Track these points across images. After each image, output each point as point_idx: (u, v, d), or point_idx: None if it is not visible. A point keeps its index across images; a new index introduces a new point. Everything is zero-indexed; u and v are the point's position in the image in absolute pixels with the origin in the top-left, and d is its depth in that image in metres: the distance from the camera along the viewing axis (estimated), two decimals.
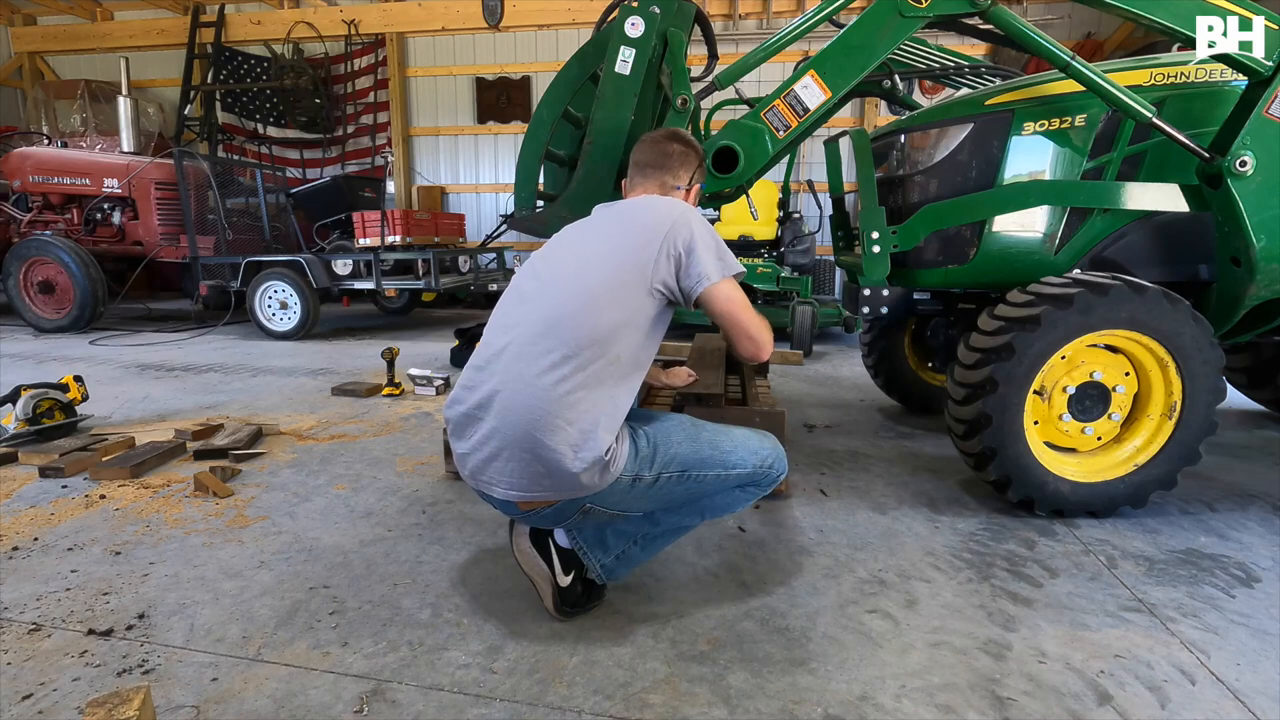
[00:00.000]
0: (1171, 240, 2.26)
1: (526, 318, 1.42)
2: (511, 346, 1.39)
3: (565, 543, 1.57)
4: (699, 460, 1.48)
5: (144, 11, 8.94)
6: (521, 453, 1.33)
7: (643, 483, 1.43)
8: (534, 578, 1.55)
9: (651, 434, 1.47)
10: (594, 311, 1.38)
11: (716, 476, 1.50)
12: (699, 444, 1.49)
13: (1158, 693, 1.33)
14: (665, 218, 1.47)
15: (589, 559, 1.56)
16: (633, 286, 1.41)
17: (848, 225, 3.07)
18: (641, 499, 1.47)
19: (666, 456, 1.45)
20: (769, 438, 1.61)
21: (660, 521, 1.58)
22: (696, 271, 1.43)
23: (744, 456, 1.52)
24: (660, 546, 1.64)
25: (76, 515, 2.08)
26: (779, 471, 1.57)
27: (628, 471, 1.40)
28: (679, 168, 1.67)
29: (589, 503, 1.42)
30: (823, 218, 6.78)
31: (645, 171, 1.68)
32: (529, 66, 8.47)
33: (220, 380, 4.01)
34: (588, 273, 1.44)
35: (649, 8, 2.14)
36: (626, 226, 1.51)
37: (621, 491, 1.41)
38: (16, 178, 6.32)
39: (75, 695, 1.28)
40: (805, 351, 4.75)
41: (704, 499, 1.55)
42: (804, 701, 1.29)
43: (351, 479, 2.41)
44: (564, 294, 1.42)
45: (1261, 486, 2.46)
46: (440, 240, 6.26)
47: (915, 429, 3.14)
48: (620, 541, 1.57)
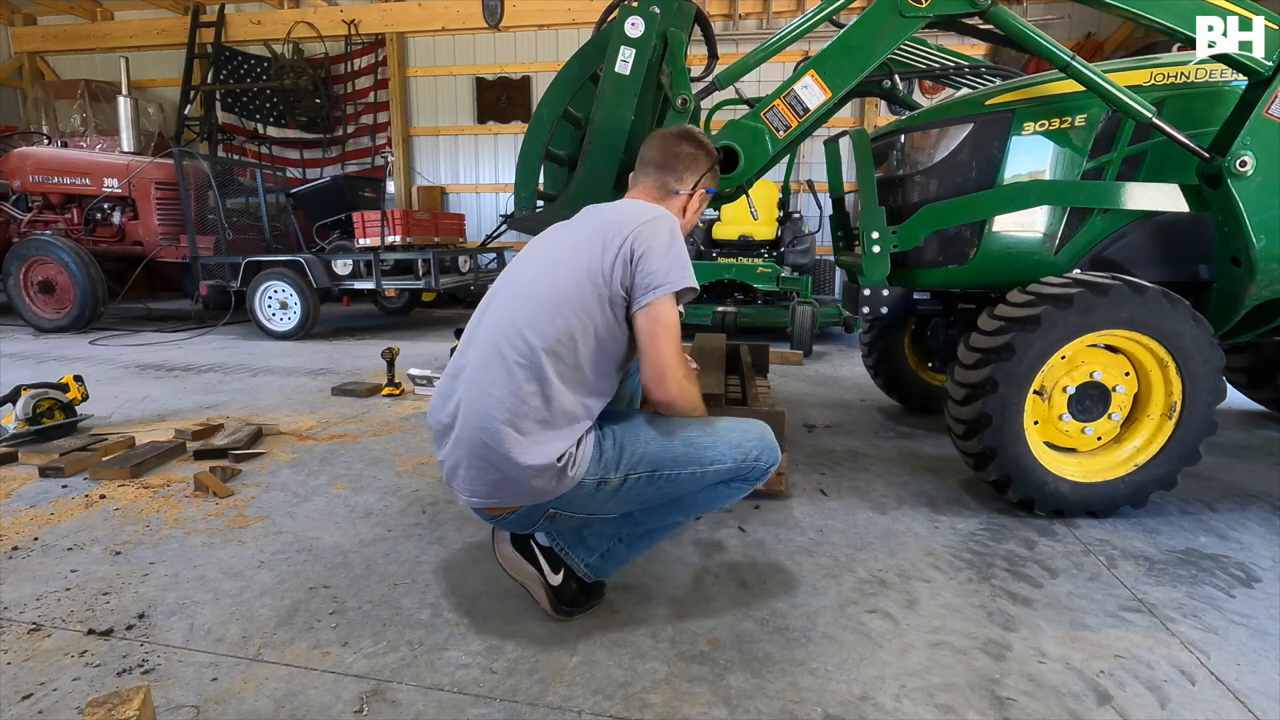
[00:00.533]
0: (1171, 240, 2.26)
1: (491, 324, 1.42)
2: (474, 351, 1.40)
3: (545, 542, 1.55)
4: (670, 459, 1.41)
5: (144, 11, 8.93)
6: (477, 459, 1.34)
7: (608, 486, 1.39)
8: (524, 581, 1.53)
9: (619, 434, 1.42)
10: (552, 318, 1.35)
11: (692, 475, 1.43)
12: (672, 441, 1.42)
13: (1158, 693, 1.33)
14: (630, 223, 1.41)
15: (570, 558, 1.54)
16: (591, 294, 1.36)
17: (848, 225, 3.07)
18: (610, 502, 1.42)
19: (634, 457, 1.40)
20: (756, 428, 1.51)
21: (641, 521, 1.52)
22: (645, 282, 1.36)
23: (723, 452, 1.45)
24: (649, 544, 1.59)
25: (76, 515, 2.08)
26: (767, 463, 1.49)
27: (590, 476, 1.36)
28: (684, 170, 1.61)
29: (552, 508, 1.39)
30: (823, 218, 6.78)
31: (648, 170, 1.63)
32: (529, 66, 8.47)
33: (220, 380, 4.01)
34: (551, 277, 1.41)
35: (649, 8, 2.14)
36: (596, 229, 1.45)
37: (586, 496, 1.38)
38: (16, 178, 6.32)
39: (75, 695, 1.28)
40: (805, 351, 4.75)
41: (684, 497, 1.48)
42: (804, 701, 1.29)
43: (351, 479, 2.41)
44: (526, 299, 1.40)
45: (1261, 486, 2.46)
46: (440, 240, 6.26)
47: (915, 429, 3.14)
48: (601, 541, 1.53)
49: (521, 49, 8.50)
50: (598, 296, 1.37)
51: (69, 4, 8.80)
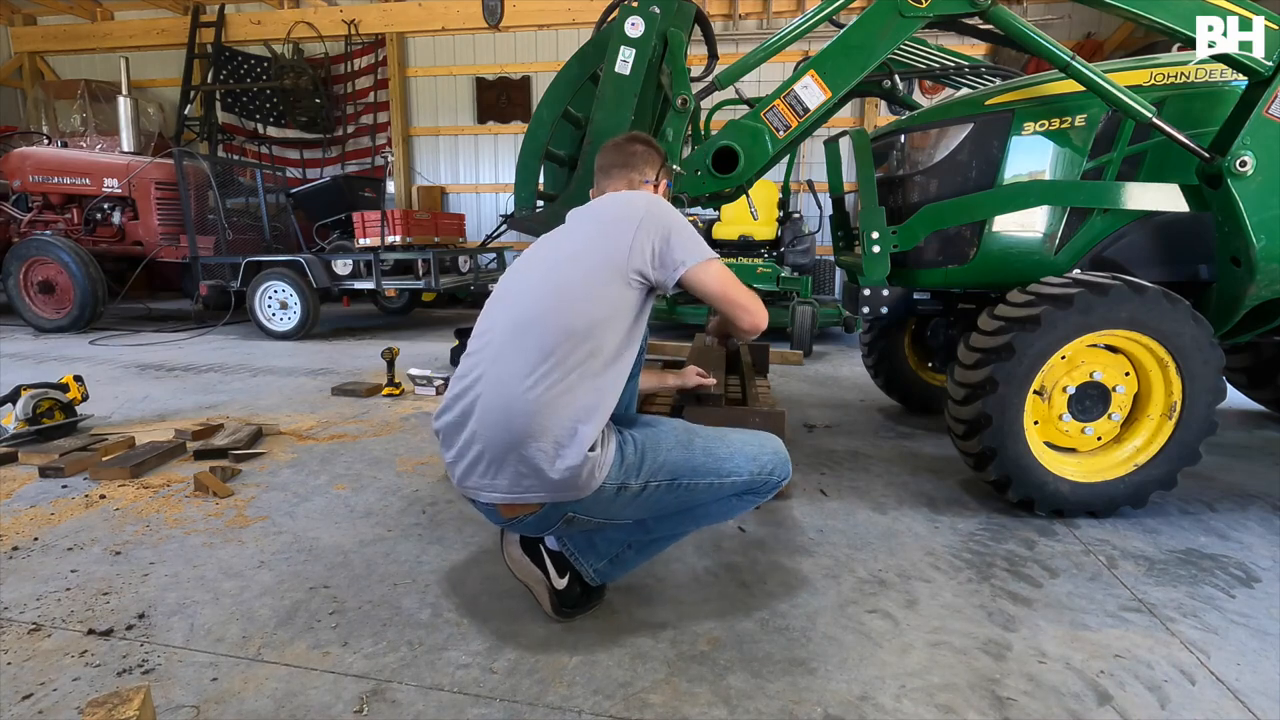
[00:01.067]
0: (1171, 240, 2.27)
1: (502, 322, 1.42)
2: (489, 350, 1.40)
3: (554, 545, 1.55)
4: (691, 468, 1.44)
5: (144, 11, 8.94)
6: (503, 454, 1.33)
7: (628, 491, 1.39)
8: (529, 583, 1.53)
9: (640, 440, 1.43)
10: (567, 309, 1.36)
11: (710, 485, 1.45)
12: (691, 451, 1.45)
13: (1158, 693, 1.33)
14: (637, 207, 1.46)
15: (579, 563, 1.54)
16: (608, 280, 1.39)
17: (848, 225, 3.07)
18: (628, 507, 1.43)
19: (655, 464, 1.41)
20: (770, 441, 1.55)
21: (653, 529, 1.54)
22: (677, 256, 1.41)
23: (741, 464, 1.47)
24: (655, 551, 1.61)
25: (76, 515, 2.08)
26: (780, 478, 1.52)
27: (612, 480, 1.37)
28: (644, 165, 1.69)
29: (571, 511, 1.38)
30: (823, 218, 6.78)
31: (611, 173, 1.69)
32: (529, 66, 8.47)
33: (220, 380, 4.01)
34: (559, 271, 1.43)
35: (649, 8, 2.14)
36: (598, 222, 1.50)
37: (606, 500, 1.38)
38: (16, 178, 6.32)
39: (75, 695, 1.28)
40: (805, 351, 4.75)
41: (698, 507, 1.51)
42: (804, 701, 1.29)
43: (351, 479, 2.41)
44: (536, 295, 1.41)
45: (1261, 486, 2.46)
46: (440, 240, 6.25)
47: (915, 429, 3.14)
48: (612, 547, 1.54)
49: (521, 49, 8.51)
50: (618, 282, 1.39)
51: (69, 4, 8.80)
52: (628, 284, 1.40)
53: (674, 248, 1.42)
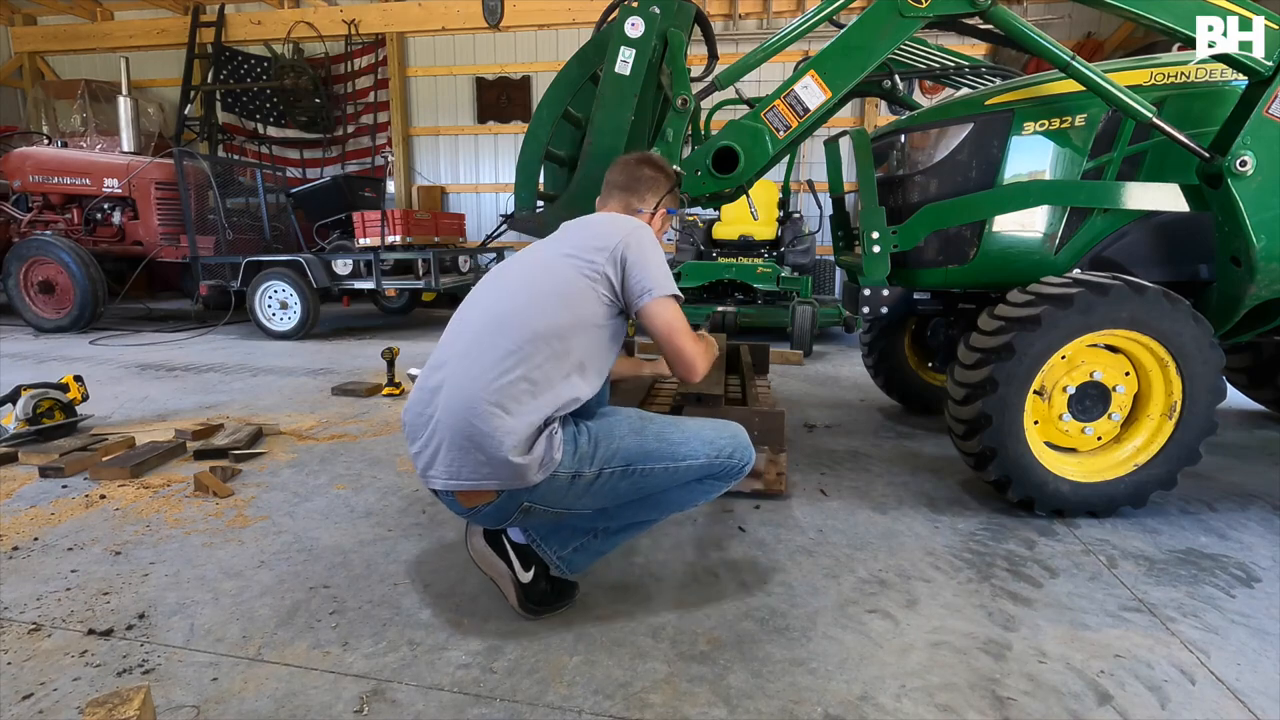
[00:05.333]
0: (1171, 240, 2.26)
1: (475, 319, 1.48)
2: (459, 344, 1.44)
3: (520, 538, 1.57)
4: (643, 454, 1.46)
5: (144, 11, 8.94)
6: (461, 439, 1.35)
7: (583, 480, 1.42)
8: (493, 577, 1.55)
9: (594, 429, 1.46)
10: (537, 312, 1.42)
11: (665, 470, 1.47)
12: (644, 437, 1.47)
13: (1158, 693, 1.33)
14: (620, 230, 1.52)
15: (545, 552, 1.56)
16: (581, 292, 1.45)
17: (848, 225, 3.07)
18: (585, 496, 1.45)
19: (608, 451, 1.44)
20: (729, 427, 1.56)
21: (615, 517, 1.56)
22: (645, 284, 1.46)
23: (696, 448, 1.49)
24: (620, 540, 1.63)
25: (76, 515, 2.08)
26: (741, 461, 1.53)
27: (565, 468, 1.39)
28: (646, 191, 1.74)
29: (528, 500, 1.41)
30: (823, 218, 6.78)
31: (613, 192, 1.76)
32: (529, 66, 8.47)
33: (220, 380, 4.01)
34: (536, 275, 1.50)
35: (649, 8, 2.14)
36: (580, 236, 1.56)
37: (561, 489, 1.41)
38: (16, 178, 6.32)
39: (75, 695, 1.28)
40: (805, 351, 4.75)
41: (659, 494, 1.52)
42: (804, 701, 1.29)
43: (352, 479, 2.41)
44: (511, 295, 1.48)
45: (1261, 486, 2.46)
46: (440, 240, 6.26)
47: (915, 429, 3.14)
48: (575, 535, 1.57)
49: (521, 49, 8.50)
50: (589, 295, 1.45)
51: (69, 4, 8.80)
52: (598, 298, 1.46)
53: (643, 276, 1.47)
